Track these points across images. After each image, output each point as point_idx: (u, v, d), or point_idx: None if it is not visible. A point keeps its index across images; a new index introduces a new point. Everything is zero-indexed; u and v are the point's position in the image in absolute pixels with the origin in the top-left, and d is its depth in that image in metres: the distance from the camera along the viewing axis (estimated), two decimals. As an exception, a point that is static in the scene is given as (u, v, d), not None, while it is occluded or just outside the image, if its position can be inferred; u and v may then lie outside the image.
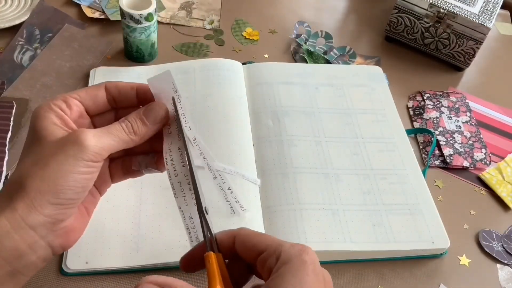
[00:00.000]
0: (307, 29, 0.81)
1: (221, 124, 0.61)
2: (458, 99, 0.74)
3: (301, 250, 0.32)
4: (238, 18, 0.82)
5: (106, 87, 0.42)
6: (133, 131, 0.40)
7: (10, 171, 0.56)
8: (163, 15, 0.80)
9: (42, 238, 0.36)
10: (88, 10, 0.77)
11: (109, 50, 0.72)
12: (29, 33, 0.71)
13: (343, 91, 0.70)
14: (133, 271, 0.50)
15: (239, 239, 0.35)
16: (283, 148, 0.60)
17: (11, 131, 0.59)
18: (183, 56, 0.74)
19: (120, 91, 0.42)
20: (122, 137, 0.39)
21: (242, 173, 0.57)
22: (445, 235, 0.55)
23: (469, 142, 0.68)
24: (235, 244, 0.35)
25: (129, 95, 0.42)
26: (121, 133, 0.39)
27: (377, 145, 0.63)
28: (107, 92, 0.42)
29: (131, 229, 0.51)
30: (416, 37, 0.80)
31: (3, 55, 0.68)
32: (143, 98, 0.42)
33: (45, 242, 0.36)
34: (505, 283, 0.55)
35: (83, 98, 0.40)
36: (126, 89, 0.42)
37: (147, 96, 0.42)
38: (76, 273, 0.48)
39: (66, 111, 0.39)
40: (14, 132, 0.60)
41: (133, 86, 0.42)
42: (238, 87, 0.67)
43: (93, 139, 0.36)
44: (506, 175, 0.65)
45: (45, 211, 0.35)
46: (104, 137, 0.38)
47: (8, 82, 0.65)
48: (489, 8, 0.76)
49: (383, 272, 0.54)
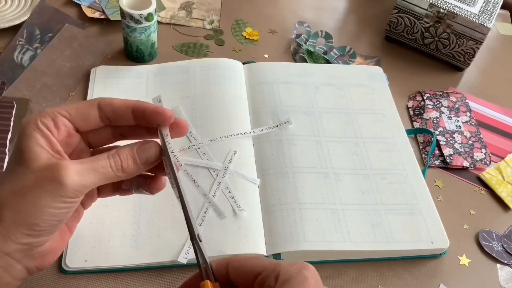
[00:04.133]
0: (307, 29, 0.81)
1: (221, 123, 0.61)
2: (458, 99, 0.74)
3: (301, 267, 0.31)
4: (238, 18, 0.83)
5: (99, 105, 0.39)
6: (121, 168, 0.38)
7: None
8: (163, 15, 0.80)
9: (18, 262, 0.36)
10: (88, 10, 0.77)
11: (109, 50, 0.72)
12: (29, 33, 0.71)
13: (343, 91, 0.70)
14: (133, 270, 0.50)
15: (233, 266, 0.34)
16: (283, 147, 0.60)
17: (11, 131, 0.59)
18: (183, 56, 0.74)
19: (114, 110, 0.39)
20: (108, 175, 0.37)
21: (241, 173, 0.57)
22: (444, 235, 0.55)
23: (469, 142, 0.68)
24: (229, 271, 0.34)
25: (125, 114, 0.40)
26: (107, 170, 0.37)
27: (377, 145, 0.63)
28: (101, 111, 0.39)
29: (130, 227, 0.51)
30: (416, 37, 0.80)
31: (3, 55, 0.68)
32: (140, 117, 0.40)
33: (21, 265, 0.36)
34: (505, 283, 0.55)
35: (73, 116, 0.38)
36: (121, 108, 0.39)
37: (144, 116, 0.39)
38: (76, 271, 0.48)
39: (53, 132, 0.37)
40: (15, 132, 0.59)
41: (128, 105, 0.39)
42: (238, 87, 0.67)
43: (75, 177, 0.35)
44: (506, 175, 0.65)
45: (21, 241, 0.35)
46: (88, 174, 0.36)
47: (8, 82, 0.65)
48: (489, 8, 0.76)
49: (383, 272, 0.54)
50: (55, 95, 0.65)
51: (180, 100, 0.64)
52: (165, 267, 0.50)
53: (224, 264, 0.34)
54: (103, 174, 0.37)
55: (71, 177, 0.35)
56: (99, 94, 0.64)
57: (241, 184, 0.56)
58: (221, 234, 0.51)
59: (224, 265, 0.34)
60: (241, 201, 0.54)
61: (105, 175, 0.37)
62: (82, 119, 0.39)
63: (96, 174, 0.36)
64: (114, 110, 0.39)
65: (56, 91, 0.66)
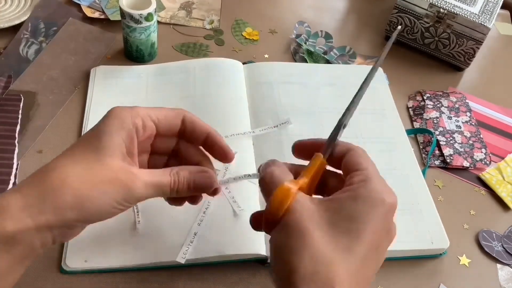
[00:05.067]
0: (307, 29, 0.81)
1: (221, 123, 0.61)
2: (458, 99, 0.74)
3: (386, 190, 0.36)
4: (238, 18, 0.83)
5: (184, 119, 0.42)
6: (176, 191, 0.40)
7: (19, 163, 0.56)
8: (163, 15, 0.80)
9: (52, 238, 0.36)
10: (88, 10, 0.77)
11: (109, 50, 0.72)
12: (34, 27, 0.72)
13: (343, 91, 0.70)
14: (133, 270, 0.50)
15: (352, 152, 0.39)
16: (283, 147, 0.60)
17: (20, 124, 0.60)
18: (183, 56, 0.74)
19: (194, 129, 0.43)
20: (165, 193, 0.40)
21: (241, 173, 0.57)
22: (444, 235, 0.55)
23: (469, 142, 0.68)
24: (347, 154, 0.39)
25: (200, 136, 0.43)
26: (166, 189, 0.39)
27: (377, 145, 0.63)
28: (182, 124, 0.42)
29: (130, 227, 0.51)
30: (416, 37, 0.80)
31: (9, 48, 0.69)
32: (209, 145, 0.44)
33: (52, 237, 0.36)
34: (505, 283, 0.55)
35: (160, 123, 0.41)
36: (202, 130, 0.43)
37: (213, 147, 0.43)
38: (76, 271, 0.48)
39: (140, 133, 0.39)
40: (23, 125, 0.60)
41: (207, 129, 0.43)
42: (238, 87, 0.67)
43: (142, 189, 0.37)
44: (506, 175, 0.65)
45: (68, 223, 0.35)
46: (151, 189, 0.38)
47: (15, 76, 0.66)
48: (489, 8, 0.76)
49: (383, 272, 0.53)
50: (62, 88, 0.66)
51: (180, 100, 0.64)
52: (165, 268, 0.50)
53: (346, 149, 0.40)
54: (162, 191, 0.39)
55: (140, 188, 0.37)
56: (99, 94, 0.64)
57: (241, 184, 0.56)
58: (221, 234, 0.51)
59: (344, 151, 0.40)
60: (241, 201, 0.54)
61: (163, 192, 0.39)
62: (166, 128, 0.42)
63: (157, 189, 0.39)
64: (194, 129, 0.43)
65: (62, 84, 0.66)
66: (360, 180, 0.36)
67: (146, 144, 0.43)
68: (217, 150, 0.44)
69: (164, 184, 0.39)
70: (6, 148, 0.57)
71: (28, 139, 0.59)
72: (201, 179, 0.41)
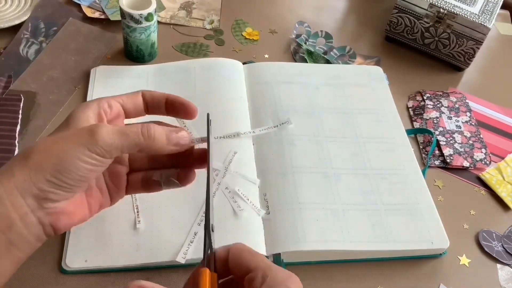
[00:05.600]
0: (307, 29, 0.81)
1: (221, 123, 0.61)
2: (458, 99, 0.74)
3: (287, 277, 0.32)
4: (238, 18, 0.83)
5: (142, 93, 0.45)
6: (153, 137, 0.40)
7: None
8: (163, 15, 0.80)
9: (32, 212, 0.36)
10: (88, 10, 0.77)
11: (109, 50, 0.72)
12: (34, 27, 0.72)
13: (343, 91, 0.70)
14: (133, 270, 0.50)
15: (232, 253, 0.35)
16: (283, 147, 0.60)
17: (20, 124, 0.60)
18: (183, 56, 0.74)
19: (153, 96, 0.45)
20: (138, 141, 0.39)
21: (241, 173, 0.57)
22: (444, 235, 0.55)
23: (469, 142, 0.68)
24: (228, 258, 0.35)
25: (160, 102, 0.45)
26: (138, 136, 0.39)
27: (377, 145, 0.63)
28: (143, 98, 0.45)
29: (130, 227, 0.51)
30: (416, 37, 0.80)
31: (9, 48, 0.69)
32: (171, 108, 0.45)
33: (35, 217, 0.36)
34: (505, 283, 0.55)
35: (124, 101, 0.43)
36: (160, 96, 0.45)
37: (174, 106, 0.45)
38: (76, 271, 0.48)
39: (107, 111, 0.41)
40: (23, 124, 0.60)
41: (164, 95, 0.45)
42: (238, 87, 0.67)
43: (107, 136, 0.37)
44: (506, 175, 0.65)
45: (39, 185, 0.36)
46: (119, 136, 0.38)
47: (15, 76, 0.66)
48: (489, 8, 0.76)
49: (382, 272, 0.54)
50: (62, 88, 0.66)
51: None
52: (165, 267, 0.50)
53: (226, 251, 0.35)
54: (133, 139, 0.39)
55: (102, 135, 0.37)
56: (99, 95, 0.64)
57: (241, 184, 0.56)
58: (221, 234, 0.51)
59: (226, 252, 0.35)
60: (241, 201, 0.54)
61: (135, 140, 0.39)
62: (132, 106, 0.44)
63: (127, 137, 0.38)
64: (153, 97, 0.45)
65: (62, 84, 0.66)
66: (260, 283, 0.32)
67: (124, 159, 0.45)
68: (178, 107, 0.45)
69: (134, 132, 0.39)
70: (6, 148, 0.57)
71: (28, 139, 0.59)
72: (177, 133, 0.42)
